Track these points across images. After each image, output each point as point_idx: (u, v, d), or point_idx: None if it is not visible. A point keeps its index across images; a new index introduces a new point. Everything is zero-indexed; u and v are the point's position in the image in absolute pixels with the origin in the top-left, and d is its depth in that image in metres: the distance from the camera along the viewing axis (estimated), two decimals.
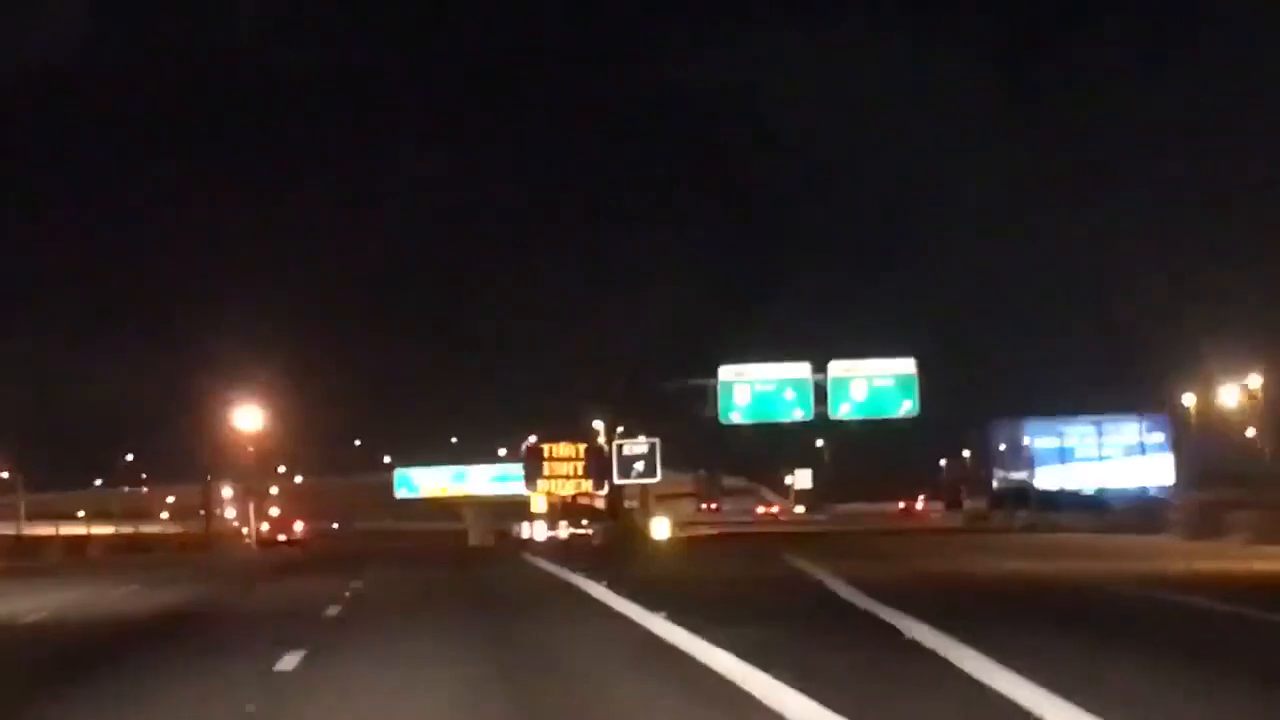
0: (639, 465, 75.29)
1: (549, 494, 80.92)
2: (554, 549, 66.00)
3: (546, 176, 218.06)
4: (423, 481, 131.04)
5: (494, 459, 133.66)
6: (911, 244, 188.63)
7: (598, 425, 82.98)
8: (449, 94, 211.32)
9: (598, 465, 77.52)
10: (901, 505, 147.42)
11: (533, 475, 78.84)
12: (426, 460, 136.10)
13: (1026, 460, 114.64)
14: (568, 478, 77.55)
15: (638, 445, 75.41)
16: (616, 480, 75.45)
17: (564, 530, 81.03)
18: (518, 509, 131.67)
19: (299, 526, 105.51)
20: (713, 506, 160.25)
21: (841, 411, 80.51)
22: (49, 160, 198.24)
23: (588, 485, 77.46)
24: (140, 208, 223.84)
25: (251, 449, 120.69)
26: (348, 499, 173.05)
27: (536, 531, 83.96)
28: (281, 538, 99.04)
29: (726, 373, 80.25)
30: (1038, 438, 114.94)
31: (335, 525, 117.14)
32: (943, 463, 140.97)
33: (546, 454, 78.42)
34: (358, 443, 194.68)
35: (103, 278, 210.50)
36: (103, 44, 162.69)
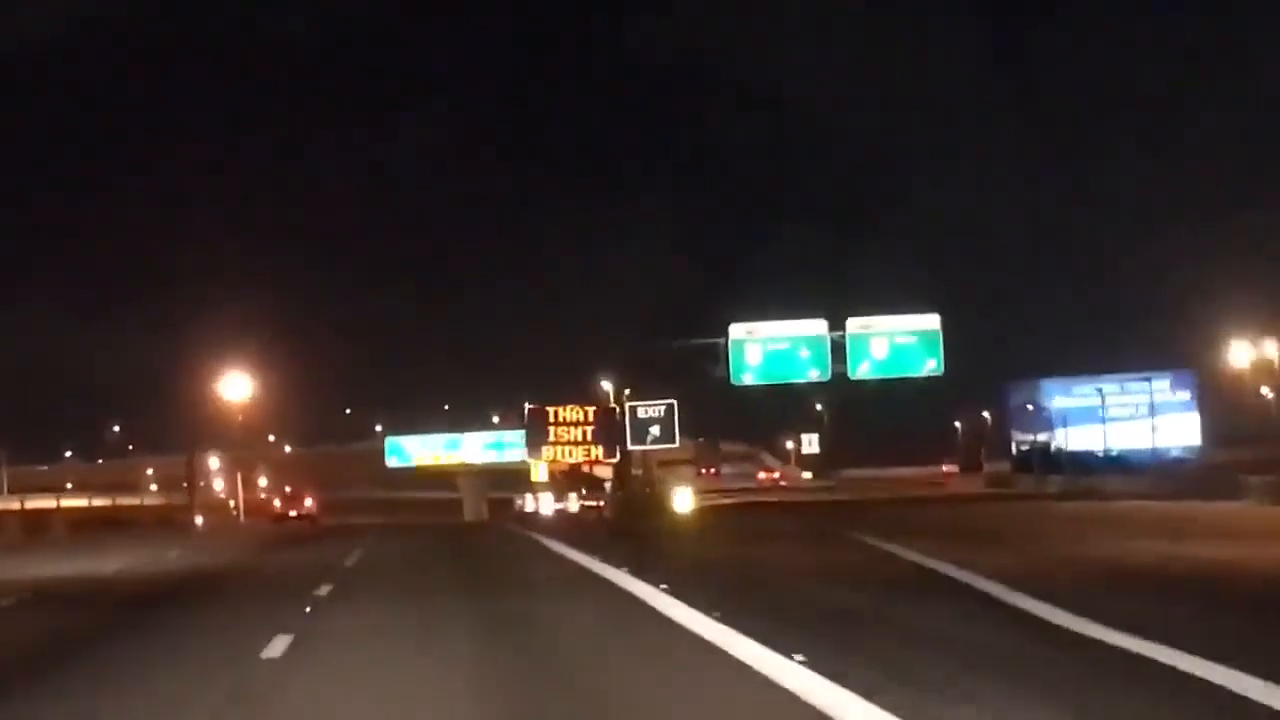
0: (654, 430, 69.10)
1: (553, 461, 73.99)
2: (564, 525, 60.76)
3: (541, 143, 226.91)
4: (415, 450, 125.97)
5: (488, 426, 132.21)
6: (908, 202, 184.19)
7: (606, 386, 77.82)
8: (444, 62, 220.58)
9: (608, 430, 70.91)
10: (945, 469, 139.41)
11: (536, 441, 71.90)
12: (419, 428, 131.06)
13: (1045, 421, 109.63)
14: (575, 444, 70.57)
15: (653, 407, 69.66)
16: (630, 446, 69.35)
17: (574, 503, 74.29)
18: (514, 478, 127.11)
19: (309, 502, 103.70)
20: (711, 472, 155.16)
21: (861, 371, 75.49)
22: (38, 133, 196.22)
23: (597, 451, 70.76)
24: (127, 178, 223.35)
25: (241, 418, 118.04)
26: (339, 469, 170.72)
27: (543, 504, 76.70)
28: (293, 513, 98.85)
29: (737, 331, 75.07)
30: (1056, 397, 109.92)
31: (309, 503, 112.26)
32: (958, 425, 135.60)
33: (551, 418, 71.55)
34: (349, 411, 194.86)
35: (93, 249, 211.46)
36: (99, 21, 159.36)
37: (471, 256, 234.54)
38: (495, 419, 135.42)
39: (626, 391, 71.00)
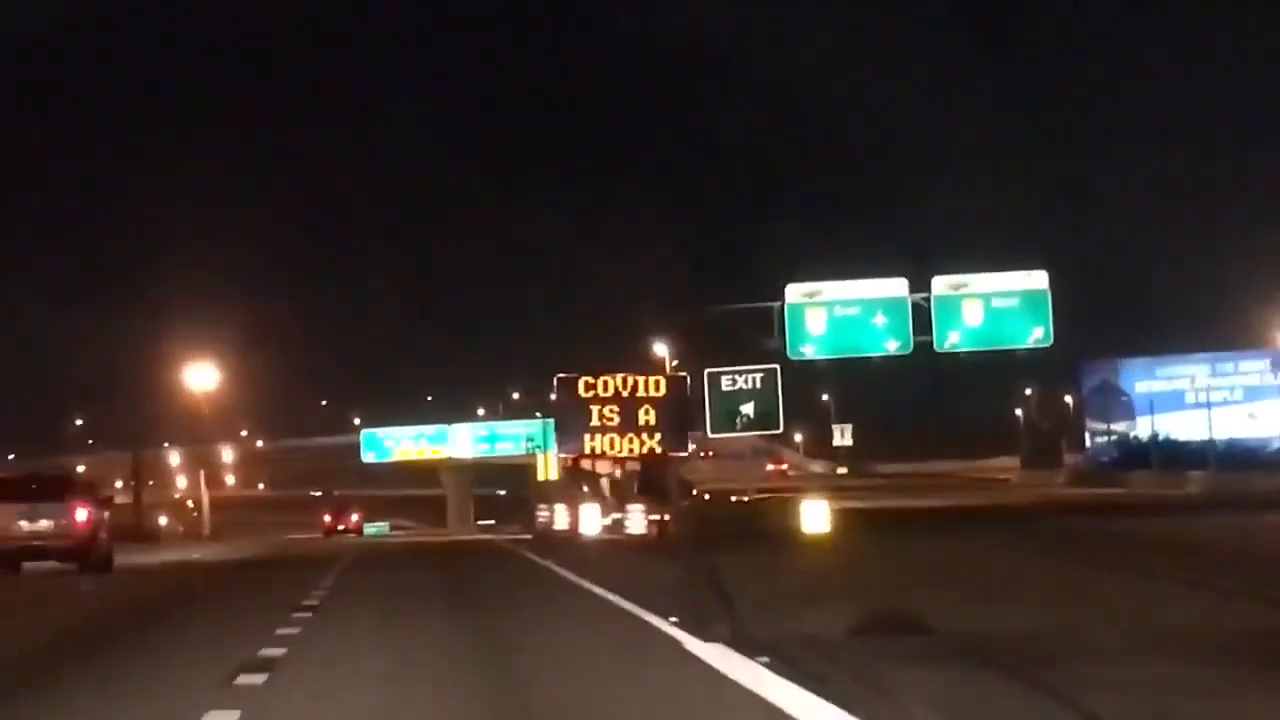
0: (747, 409, 49.79)
1: (593, 456, 53.32)
2: (632, 555, 37.89)
3: (528, 131, 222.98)
4: (395, 443, 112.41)
5: (473, 419, 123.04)
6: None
7: (660, 351, 61.64)
8: (429, 51, 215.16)
9: (678, 410, 51.36)
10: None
11: (569, 428, 51.95)
12: (400, 421, 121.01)
13: (1126, 407, 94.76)
14: (631, 430, 51.14)
15: (747, 376, 51.03)
16: (712, 433, 51.63)
17: (637, 516, 46.48)
18: (509, 475, 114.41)
19: (355, 517, 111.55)
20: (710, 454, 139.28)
21: (950, 341, 60.85)
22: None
23: (653, 443, 50.48)
24: (92, 161, 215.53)
25: (208, 410, 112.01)
26: (312, 464, 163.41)
27: (586, 519, 49.21)
28: (341, 527, 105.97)
29: (795, 293, 60.30)
30: (1139, 380, 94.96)
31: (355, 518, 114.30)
32: (1019, 412, 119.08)
33: (596, 390, 50.61)
34: (325, 404, 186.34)
35: (59, 237, 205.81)
36: (71, 10, 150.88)
37: (457, 245, 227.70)
38: (480, 411, 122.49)
39: (674, 364, 55.36)
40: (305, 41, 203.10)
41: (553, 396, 53.74)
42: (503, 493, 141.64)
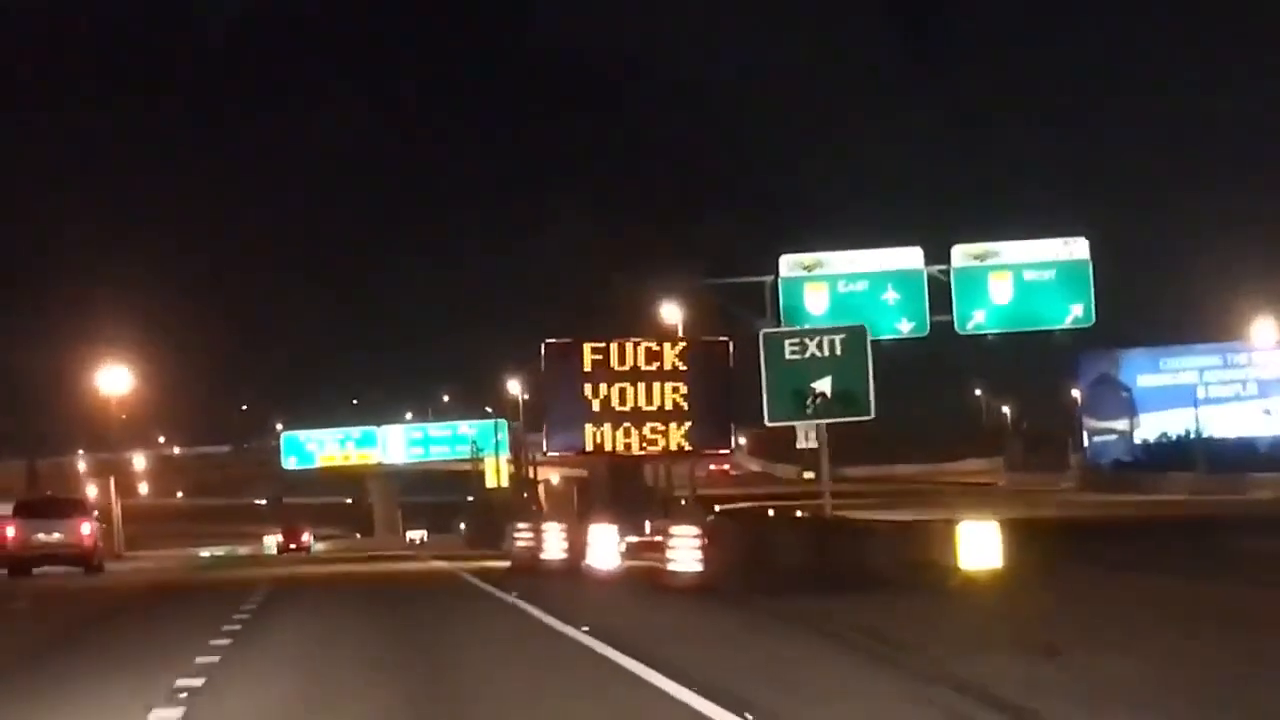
0: (822, 385, 35.25)
1: (598, 455, 39.98)
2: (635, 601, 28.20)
3: (453, 135, 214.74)
4: (318, 446, 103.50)
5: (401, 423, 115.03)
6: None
7: (670, 316, 51.36)
8: (360, 50, 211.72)
9: (716, 389, 39.04)
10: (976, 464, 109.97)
11: (562, 416, 38.36)
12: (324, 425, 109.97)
13: (1126, 404, 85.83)
14: (646, 420, 38.40)
15: (824, 337, 36.69)
16: (771, 421, 36.89)
17: (685, 542, 29.21)
18: (448, 482, 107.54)
19: (306, 537, 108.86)
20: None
21: (974, 322, 51.80)
22: None
23: (680, 436, 37.47)
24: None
25: (125, 416, 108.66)
26: (231, 471, 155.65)
27: (599, 546, 34.48)
28: (293, 545, 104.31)
29: (790, 265, 51.19)
30: (1141, 374, 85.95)
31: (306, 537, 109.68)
32: (1005, 410, 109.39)
33: (593, 362, 37.92)
34: (245, 408, 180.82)
35: None
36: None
37: (385, 250, 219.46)
38: (409, 415, 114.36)
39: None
40: (231, 36, 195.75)
41: (541, 366, 39.00)
42: (432, 500, 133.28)
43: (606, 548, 34.34)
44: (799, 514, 45.38)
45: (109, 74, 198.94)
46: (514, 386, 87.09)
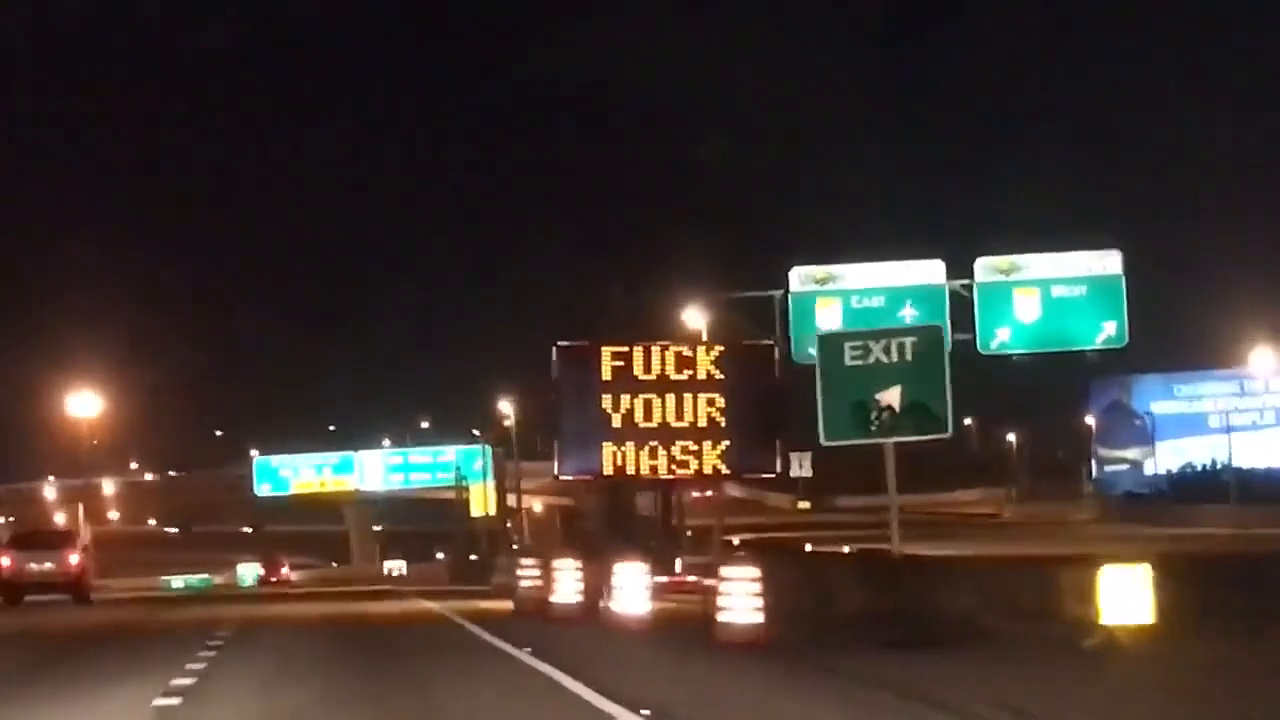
0: (889, 397, 28.32)
1: (618, 479, 34.32)
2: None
3: (436, 162, 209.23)
4: (292, 473, 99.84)
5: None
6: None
7: (694, 321, 46.91)
8: (341, 76, 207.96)
9: (762, 403, 34.14)
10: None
11: (575, 432, 32.71)
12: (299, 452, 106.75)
13: (1141, 432, 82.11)
14: (675, 437, 32.72)
15: (891, 340, 29.10)
16: (828, 439, 29.29)
17: (741, 586, 23.32)
18: (428, 510, 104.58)
19: (285, 570, 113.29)
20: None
21: (998, 340, 48.30)
22: None
23: (716, 458, 32.42)
24: None
25: (96, 441, 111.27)
26: (204, 498, 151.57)
27: (623, 587, 29.25)
28: (273, 579, 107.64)
29: (801, 279, 47.85)
30: (1155, 401, 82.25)
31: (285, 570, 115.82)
32: (1011, 437, 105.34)
33: (615, 369, 32.45)
34: (219, 433, 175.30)
35: None
36: None
37: (363, 276, 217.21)
38: (386, 442, 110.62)
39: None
40: (207, 62, 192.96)
41: (553, 374, 32.79)
42: (412, 529, 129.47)
43: (635, 590, 28.89)
44: (845, 550, 40.36)
45: (82, 101, 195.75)
46: (504, 408, 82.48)
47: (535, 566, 34.01)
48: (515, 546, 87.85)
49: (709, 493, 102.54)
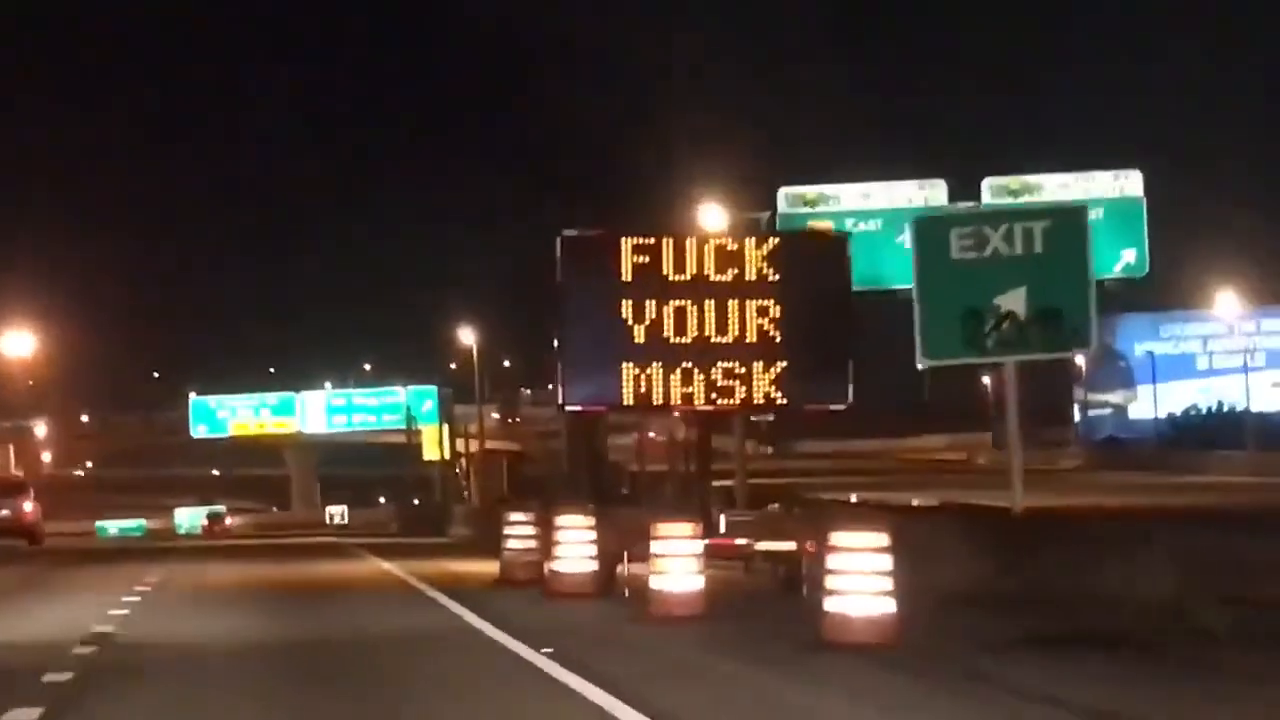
0: (1012, 300, 22.15)
1: (643, 410, 28.74)
2: None
3: (381, 106, 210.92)
4: (230, 414, 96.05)
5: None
6: None
7: (713, 220, 41.72)
8: (272, 14, 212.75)
9: (831, 312, 24.60)
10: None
11: (581, 350, 24.93)
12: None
13: (1125, 374, 78.34)
14: (716, 356, 24.32)
15: (1015, 223, 22.22)
16: (930, 357, 23.52)
17: (866, 552, 16.93)
18: (374, 453, 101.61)
19: (229, 521, 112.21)
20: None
21: None
22: None
23: (768, 384, 24.40)
24: None
25: (32, 382, 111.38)
26: (141, 442, 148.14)
27: (670, 554, 20.93)
28: (216, 529, 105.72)
29: (789, 200, 44.15)
30: (1139, 341, 78.41)
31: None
32: (986, 380, 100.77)
33: (638, 265, 24.40)
34: (157, 375, 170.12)
35: None
36: None
37: (307, 214, 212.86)
38: (327, 385, 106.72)
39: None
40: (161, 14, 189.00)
41: (557, 274, 24.93)
42: (356, 473, 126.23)
43: (683, 559, 20.98)
44: (915, 503, 35.33)
45: (17, 35, 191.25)
46: (466, 338, 76.74)
47: (529, 523, 27.61)
48: (466, 495, 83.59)
49: (652, 434, 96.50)
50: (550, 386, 33.73)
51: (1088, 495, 51.06)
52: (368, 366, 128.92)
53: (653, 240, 24.45)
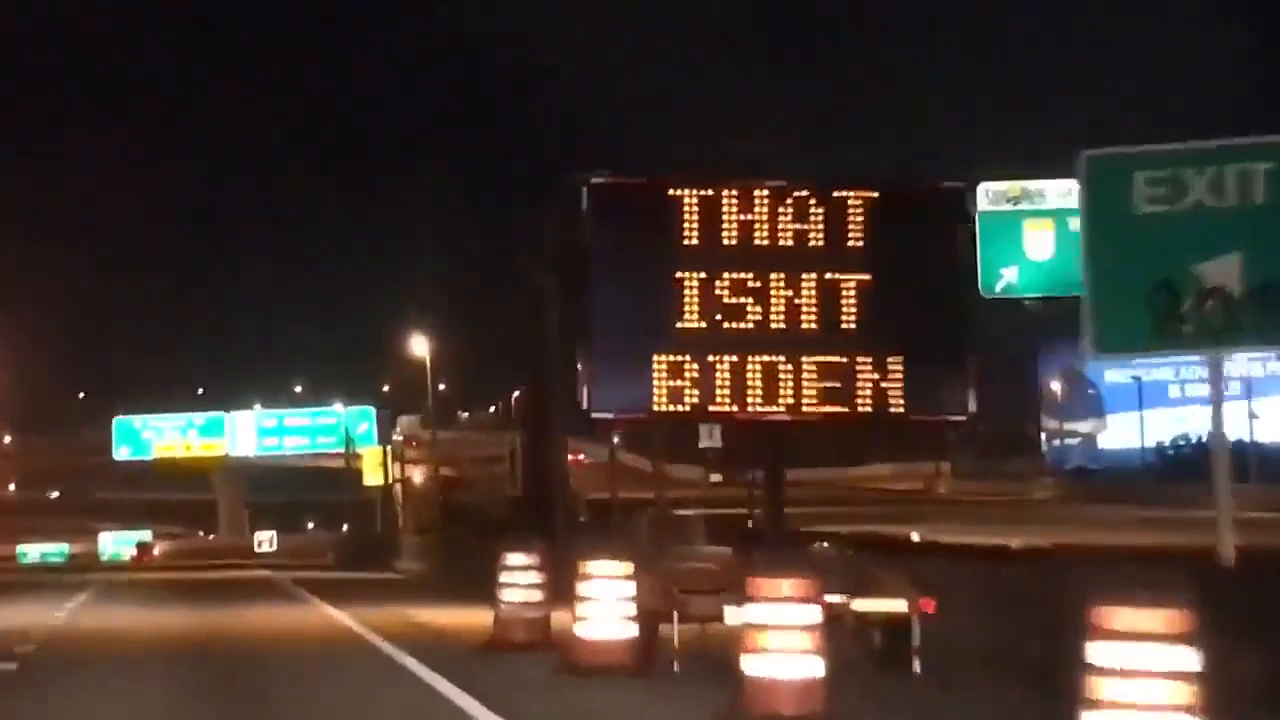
0: (1221, 272, 14.38)
1: (680, 417, 20.68)
2: None
3: (307, 98, 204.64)
4: (155, 434, 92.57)
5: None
6: None
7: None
8: (200, 28, 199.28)
9: (945, 293, 21.51)
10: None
11: (624, 347, 18.13)
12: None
13: (1094, 403, 75.32)
14: (808, 346, 18.73)
15: (1210, 169, 14.58)
16: (1102, 350, 16.33)
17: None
18: (306, 478, 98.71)
19: (156, 550, 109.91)
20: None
21: (1004, 282, 40.46)
22: None
23: (872, 386, 19.47)
24: None
25: None
26: (62, 463, 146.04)
27: (774, 624, 13.47)
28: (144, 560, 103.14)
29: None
30: (1110, 369, 75.44)
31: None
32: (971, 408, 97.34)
33: (691, 227, 18.13)
34: (82, 395, 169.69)
35: None
36: None
37: (237, 234, 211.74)
38: (256, 406, 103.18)
39: None
40: (75, 13, 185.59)
41: (587, 233, 18.71)
42: (284, 499, 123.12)
43: (791, 632, 14.01)
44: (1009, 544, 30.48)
45: None
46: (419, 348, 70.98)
47: (533, 568, 21.26)
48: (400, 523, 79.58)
49: (581, 456, 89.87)
50: (493, 410, 29.97)
51: (1119, 533, 47.01)
52: (299, 389, 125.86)
53: (712, 191, 18.19)
